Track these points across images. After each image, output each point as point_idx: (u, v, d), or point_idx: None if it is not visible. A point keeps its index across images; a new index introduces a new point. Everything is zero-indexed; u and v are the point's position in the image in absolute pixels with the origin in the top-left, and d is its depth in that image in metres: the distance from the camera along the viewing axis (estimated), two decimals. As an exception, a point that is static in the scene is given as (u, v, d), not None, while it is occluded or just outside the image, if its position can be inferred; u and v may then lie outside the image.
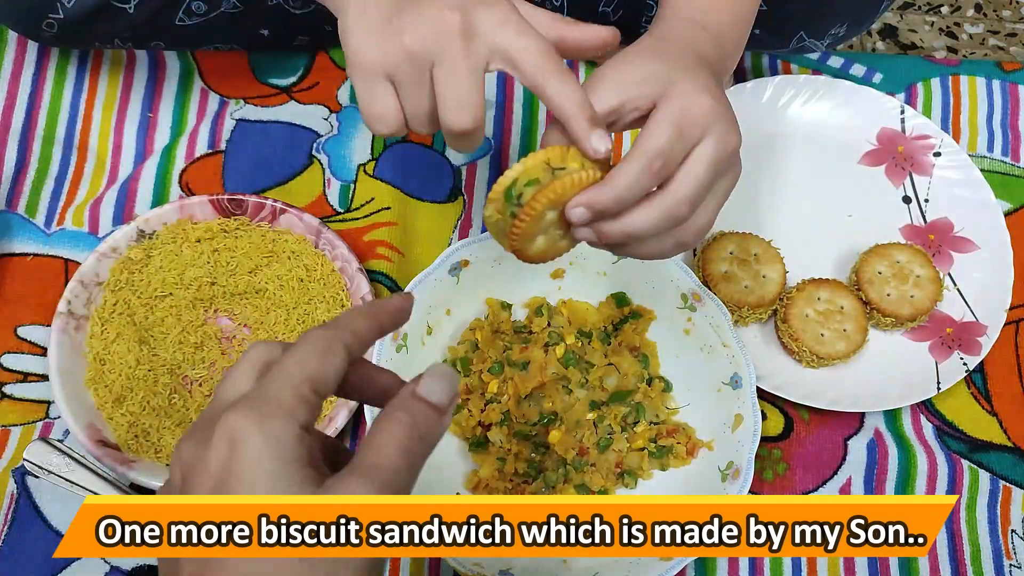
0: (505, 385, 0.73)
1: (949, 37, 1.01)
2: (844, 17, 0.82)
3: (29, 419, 0.74)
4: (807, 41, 0.84)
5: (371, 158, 0.85)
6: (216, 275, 0.77)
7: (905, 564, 0.73)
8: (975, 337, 0.79)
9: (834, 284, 0.79)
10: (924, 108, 0.91)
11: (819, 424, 0.78)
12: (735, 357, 0.71)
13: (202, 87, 0.87)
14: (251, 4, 0.79)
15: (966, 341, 0.79)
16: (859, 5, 0.82)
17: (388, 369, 0.45)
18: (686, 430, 0.73)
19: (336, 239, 0.77)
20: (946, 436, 0.78)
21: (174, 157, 0.83)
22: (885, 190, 0.86)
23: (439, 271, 0.72)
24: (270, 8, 0.80)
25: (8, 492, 0.70)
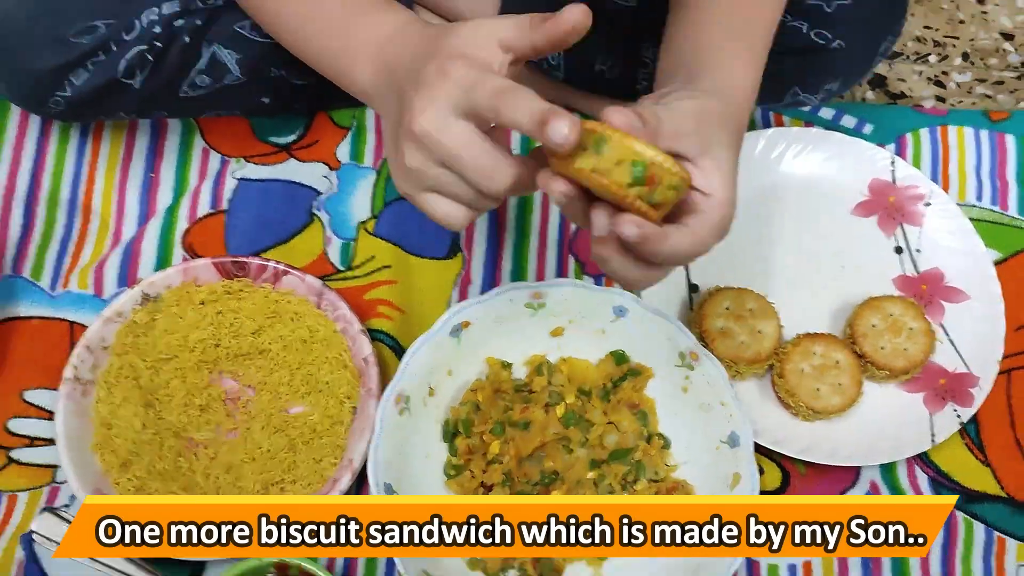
0: (507, 446, 0.74)
1: (937, 86, 1.03)
2: (838, 74, 0.84)
3: (36, 484, 0.75)
4: (801, 96, 0.86)
5: (371, 216, 0.87)
6: (220, 337, 0.78)
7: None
8: (968, 388, 0.80)
9: (829, 338, 0.80)
10: (914, 158, 0.93)
11: (816, 477, 0.79)
12: (733, 416, 0.72)
13: (204, 147, 0.88)
14: (254, 75, 0.80)
15: (959, 392, 0.80)
16: (853, 62, 0.83)
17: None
18: (685, 487, 0.74)
19: (338, 299, 0.78)
20: (941, 487, 0.79)
21: (176, 218, 0.85)
22: (877, 240, 0.88)
23: (441, 333, 0.73)
24: (273, 79, 0.82)
25: (16, 560, 0.71)
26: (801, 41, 0.80)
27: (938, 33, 1.06)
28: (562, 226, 0.88)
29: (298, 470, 0.74)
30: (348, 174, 0.88)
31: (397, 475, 0.70)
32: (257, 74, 0.80)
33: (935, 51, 1.05)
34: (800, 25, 0.79)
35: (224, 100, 0.82)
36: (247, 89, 0.81)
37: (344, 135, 0.90)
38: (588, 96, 0.90)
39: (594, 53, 0.85)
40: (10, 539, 0.72)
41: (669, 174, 0.49)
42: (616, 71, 0.86)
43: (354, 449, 0.73)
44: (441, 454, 0.75)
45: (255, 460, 0.74)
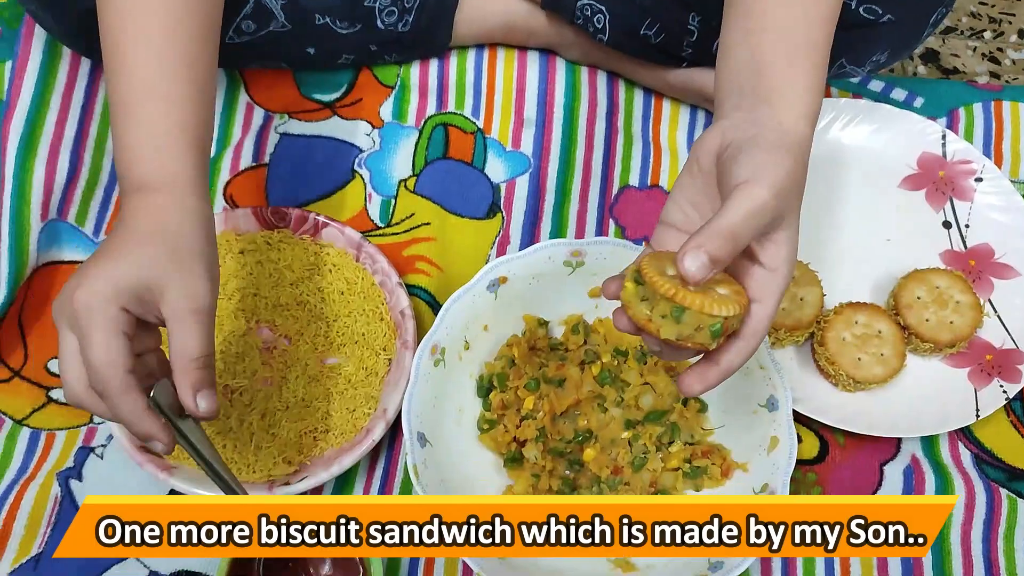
0: (541, 402, 0.73)
1: (992, 63, 1.01)
2: (886, 45, 0.82)
3: (73, 424, 0.75)
4: (848, 68, 0.85)
5: (412, 174, 0.87)
6: (259, 287, 0.78)
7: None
8: (1016, 364, 0.78)
9: (872, 308, 0.78)
10: (966, 133, 0.91)
11: (855, 448, 0.77)
12: (771, 379, 0.71)
13: (247, 101, 0.89)
14: (299, 23, 0.81)
15: (1006, 368, 0.78)
16: (901, 34, 0.82)
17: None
18: (721, 451, 0.73)
19: (377, 253, 0.78)
20: (984, 464, 0.77)
21: (219, 169, 0.85)
22: (925, 215, 0.86)
23: (478, 287, 0.73)
24: (317, 28, 0.82)
25: (52, 495, 0.72)
26: (849, 17, 0.78)
27: (994, 9, 1.04)
28: (604, 189, 0.87)
29: (331, 419, 0.74)
30: (390, 132, 0.88)
31: (430, 426, 0.70)
32: (302, 21, 0.80)
33: (990, 27, 1.02)
34: (849, 1, 0.78)
35: (270, 49, 0.83)
36: (292, 37, 0.82)
37: (388, 94, 0.90)
38: (632, 60, 0.89)
39: (640, 19, 0.84)
40: (47, 476, 0.73)
41: (738, 320, 0.51)
42: (661, 36, 0.85)
43: (388, 400, 0.73)
44: (474, 409, 0.75)
45: (289, 409, 0.74)
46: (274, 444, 0.73)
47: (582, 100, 0.90)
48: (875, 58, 0.84)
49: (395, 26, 0.85)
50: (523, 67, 0.91)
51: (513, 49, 0.92)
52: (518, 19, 0.89)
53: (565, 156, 0.88)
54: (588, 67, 0.92)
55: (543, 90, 0.90)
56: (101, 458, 0.73)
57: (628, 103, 0.91)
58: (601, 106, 0.91)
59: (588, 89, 0.91)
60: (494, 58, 0.92)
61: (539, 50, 0.92)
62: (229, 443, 0.72)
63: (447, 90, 0.90)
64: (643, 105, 0.92)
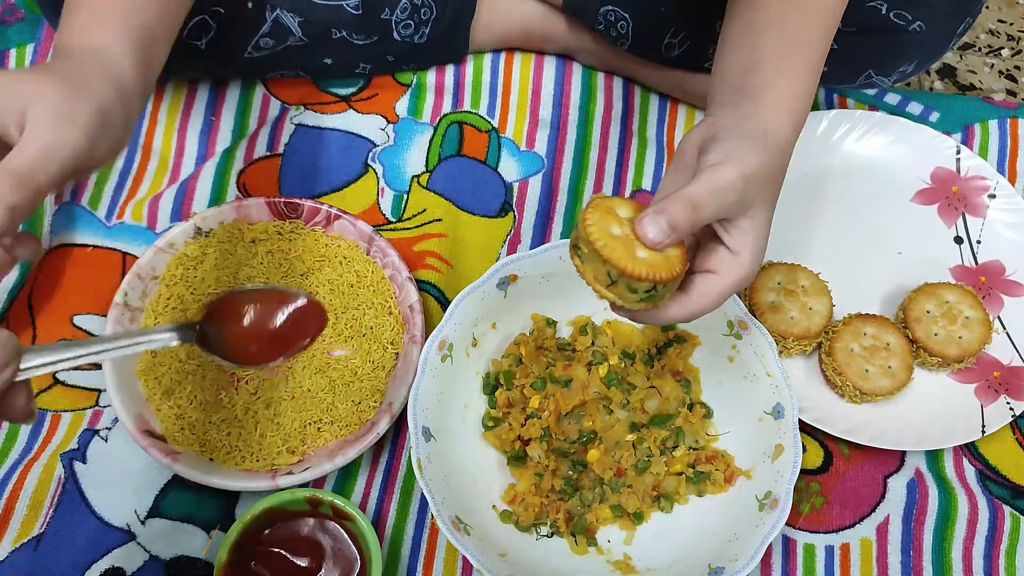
0: (546, 401, 0.73)
1: (1009, 80, 1.00)
2: (914, 56, 0.82)
3: (80, 406, 0.75)
4: (875, 78, 0.85)
5: (425, 170, 0.87)
6: (269, 276, 0.78)
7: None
8: (1023, 382, 0.78)
9: (881, 320, 0.78)
10: (980, 149, 0.91)
11: (859, 459, 0.77)
12: (778, 387, 0.71)
13: (264, 93, 0.89)
14: (315, 37, 0.81)
15: (1013, 386, 0.78)
16: (930, 44, 0.82)
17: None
18: (725, 457, 0.73)
19: (388, 247, 0.78)
20: (988, 480, 0.77)
21: (233, 158, 0.85)
22: (937, 229, 0.86)
23: (488, 284, 0.73)
24: (334, 41, 0.82)
25: (56, 476, 0.72)
26: (879, 21, 0.79)
27: (1012, 27, 1.04)
28: (616, 192, 0.87)
29: (336, 411, 0.74)
30: (405, 128, 0.88)
31: (436, 422, 0.70)
32: (319, 36, 0.81)
33: (1008, 45, 1.02)
34: (880, 5, 0.78)
35: (287, 60, 0.83)
36: (310, 50, 0.82)
37: (404, 91, 0.90)
38: (648, 65, 0.89)
39: (667, 24, 0.84)
40: (51, 456, 0.73)
41: (673, 282, 0.52)
42: (686, 44, 0.85)
43: (394, 394, 0.73)
44: (480, 406, 0.75)
45: (295, 399, 0.74)
46: (278, 433, 0.73)
47: (597, 103, 0.90)
48: (902, 68, 0.84)
49: (411, 38, 0.85)
50: (539, 69, 0.91)
51: (530, 53, 0.92)
52: (535, 25, 0.89)
53: (579, 158, 0.88)
54: (604, 72, 0.92)
55: (559, 92, 0.90)
56: (106, 440, 0.73)
57: (644, 107, 0.91)
58: (616, 109, 0.91)
59: (604, 92, 0.91)
60: (511, 61, 0.92)
61: (555, 55, 0.92)
62: (234, 431, 0.73)
63: (463, 89, 0.91)
64: (658, 109, 0.92)
